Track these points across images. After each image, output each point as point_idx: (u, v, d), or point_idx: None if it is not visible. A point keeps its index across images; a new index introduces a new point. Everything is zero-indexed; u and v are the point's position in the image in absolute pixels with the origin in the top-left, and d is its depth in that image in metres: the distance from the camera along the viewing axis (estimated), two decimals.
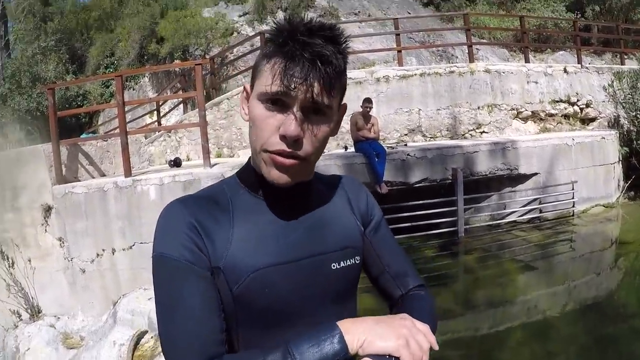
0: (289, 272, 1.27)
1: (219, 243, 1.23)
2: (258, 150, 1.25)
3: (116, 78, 9.16)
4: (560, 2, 22.20)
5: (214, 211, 1.28)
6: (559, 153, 10.97)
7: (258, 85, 1.23)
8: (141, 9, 22.55)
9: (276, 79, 1.17)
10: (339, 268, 1.34)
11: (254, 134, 1.26)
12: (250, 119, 1.27)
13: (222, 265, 1.22)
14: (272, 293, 1.24)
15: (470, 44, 14.35)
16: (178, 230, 1.23)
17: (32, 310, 8.55)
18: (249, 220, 1.29)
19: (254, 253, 1.24)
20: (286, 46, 1.18)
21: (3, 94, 22.42)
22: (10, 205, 8.71)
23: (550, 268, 9.14)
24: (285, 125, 1.18)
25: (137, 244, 8.08)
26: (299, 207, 1.35)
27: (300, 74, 1.16)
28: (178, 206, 1.28)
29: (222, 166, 8.81)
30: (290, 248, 1.28)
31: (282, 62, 1.17)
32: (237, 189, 1.35)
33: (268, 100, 1.20)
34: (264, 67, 1.22)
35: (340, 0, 20.91)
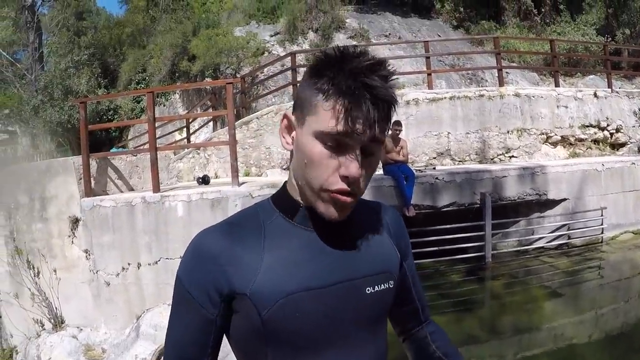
0: (321, 296, 1.27)
1: (247, 269, 1.26)
2: (316, 189, 1.24)
3: (147, 94, 9.24)
4: (590, 26, 22.12)
5: (246, 237, 1.30)
6: (588, 178, 10.84)
7: (314, 122, 1.21)
8: (174, 26, 22.83)
9: (341, 121, 1.16)
10: (373, 292, 1.34)
11: (309, 171, 1.24)
12: (303, 154, 1.24)
13: (249, 291, 1.24)
14: (303, 318, 1.25)
15: (500, 67, 14.29)
16: (197, 263, 1.30)
17: (55, 320, 8.61)
18: (281, 245, 1.29)
19: (284, 278, 1.25)
20: (349, 87, 1.16)
21: (35, 105, 22.69)
22: (39, 215, 8.81)
23: (577, 295, 9.01)
24: (348, 167, 1.20)
25: (162, 259, 8.11)
26: (335, 232, 1.34)
27: (366, 117, 1.17)
28: (205, 238, 1.32)
29: (250, 185, 8.83)
30: (324, 273, 1.29)
31: (346, 103, 1.16)
32: (270, 214, 1.36)
33: (329, 139, 1.19)
34: (321, 104, 1.20)
35: (371, 22, 21.01)
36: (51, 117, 22.30)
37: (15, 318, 8.98)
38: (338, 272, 1.30)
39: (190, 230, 8.03)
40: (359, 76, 1.17)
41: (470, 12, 22.61)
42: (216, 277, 1.26)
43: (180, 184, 11.30)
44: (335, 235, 1.34)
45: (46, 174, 8.87)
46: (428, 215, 9.67)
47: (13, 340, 9.08)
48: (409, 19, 22.21)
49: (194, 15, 22.92)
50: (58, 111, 22.45)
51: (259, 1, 21.94)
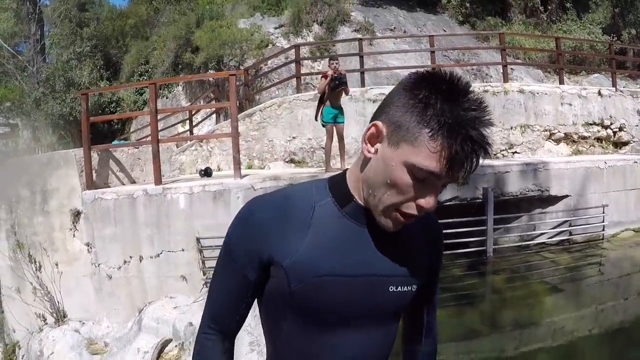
0: (347, 284, 1.38)
1: (289, 243, 1.37)
2: (387, 206, 1.31)
3: (150, 86, 9.23)
4: (596, 25, 22.07)
5: (294, 213, 1.41)
6: (591, 176, 10.84)
7: (410, 153, 1.24)
8: (177, 17, 22.76)
9: (444, 166, 1.21)
10: (395, 291, 1.44)
11: (388, 193, 1.30)
12: (389, 178, 1.28)
13: (286, 264, 1.36)
14: (326, 299, 1.38)
15: (505, 63, 14.30)
16: (246, 229, 1.42)
17: (57, 314, 8.61)
18: (325, 230, 1.39)
19: (319, 260, 1.36)
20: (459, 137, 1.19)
21: (37, 97, 22.68)
22: (40, 208, 8.80)
23: (578, 291, 9.04)
24: (428, 200, 1.29)
25: (164, 252, 8.11)
26: (378, 230, 1.40)
27: (464, 168, 1.23)
28: (257, 205, 1.44)
29: (252, 177, 8.83)
30: (355, 264, 1.39)
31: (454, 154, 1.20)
32: (323, 196, 1.44)
33: (421, 175, 1.24)
34: (426, 140, 1.22)
35: (377, 16, 20.93)
36: (53, 109, 22.30)
37: (18, 313, 8.99)
38: (369, 266, 1.40)
39: (192, 223, 8.04)
40: (471, 129, 1.20)
41: (477, 7, 22.52)
42: (260, 245, 1.39)
43: (183, 176, 11.29)
44: (378, 233, 1.41)
45: (47, 166, 8.87)
46: None
47: (15, 335, 9.09)
48: (414, 13, 22.12)
49: (198, 6, 22.80)
50: (60, 103, 22.45)
51: None
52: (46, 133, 23.02)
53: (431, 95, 1.23)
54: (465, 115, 1.20)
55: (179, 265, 8.08)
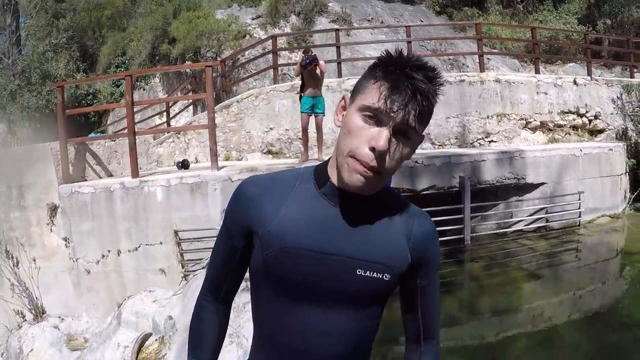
0: (315, 260, 1.47)
1: (267, 215, 1.51)
2: (345, 154, 1.41)
3: (126, 78, 9.18)
4: (572, 15, 22.18)
5: (278, 189, 1.56)
6: (567, 163, 10.96)
7: (360, 99, 1.42)
8: (154, 8, 22.55)
9: (381, 98, 1.36)
10: (362, 275, 1.48)
11: (345, 140, 1.42)
12: (345, 126, 1.45)
13: (262, 233, 1.51)
14: (294, 270, 1.47)
15: (481, 53, 14.37)
16: (236, 202, 1.61)
17: (36, 310, 8.53)
18: (301, 206, 1.52)
19: (290, 232, 1.48)
20: (395, 74, 1.37)
21: (13, 90, 22.39)
22: (17, 203, 8.71)
23: (555, 277, 9.13)
24: (376, 138, 1.35)
25: (142, 245, 8.09)
26: (353, 213, 1.51)
27: (401, 101, 1.35)
28: (247, 183, 1.62)
29: (230, 169, 8.82)
30: (326, 242, 1.47)
31: (389, 86, 1.36)
32: (307, 179, 1.58)
33: (368, 112, 1.38)
34: (370, 85, 1.41)
35: (354, 7, 20.89)
36: (29, 102, 22.03)
37: None
38: (336, 246, 1.47)
39: (170, 216, 8.03)
40: (405, 69, 1.37)
41: None
42: (246, 216, 1.56)
43: (160, 168, 11.25)
44: (351, 215, 1.51)
45: (24, 160, 8.79)
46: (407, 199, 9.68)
47: None
48: (391, 4, 22.09)
49: None
50: (36, 96, 22.19)
51: None
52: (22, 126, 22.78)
53: (382, 61, 1.44)
54: (404, 63, 1.39)
55: (158, 258, 8.07)
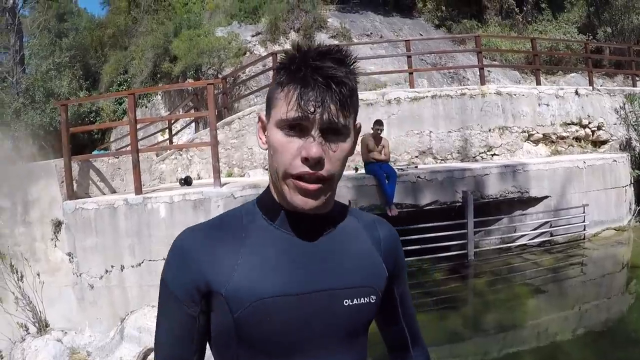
0: (297, 303, 1.26)
1: (224, 269, 1.26)
2: (280, 177, 1.26)
3: (129, 96, 9.22)
4: (572, 24, 22.19)
5: (225, 237, 1.31)
6: (570, 176, 10.93)
7: (275, 114, 1.25)
8: (155, 27, 22.77)
9: (293, 105, 1.19)
10: (352, 305, 1.32)
11: (275, 161, 1.27)
12: (270, 147, 1.28)
13: (224, 291, 1.25)
14: (275, 323, 1.25)
15: (481, 66, 14.36)
16: (179, 261, 1.32)
17: (39, 324, 8.56)
18: (261, 248, 1.29)
19: (259, 281, 1.25)
20: (299, 72, 1.21)
21: (17, 108, 22.55)
22: (22, 219, 8.77)
23: (560, 292, 9.06)
24: (306, 148, 1.20)
25: (146, 261, 8.10)
26: (316, 238, 1.33)
27: (316, 98, 1.19)
28: (187, 236, 1.35)
29: (232, 186, 8.82)
30: (302, 279, 1.28)
31: (297, 88, 1.20)
32: (253, 215, 1.36)
33: (287, 126, 1.22)
34: (278, 96, 1.25)
35: (353, 22, 21.03)
36: (33, 120, 22.20)
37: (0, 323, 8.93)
38: (317, 280, 1.29)
39: (173, 232, 8.01)
40: (309, 61, 1.21)
41: (452, 10, 22.67)
42: (195, 275, 1.27)
43: (163, 185, 11.26)
44: (317, 241, 1.33)
45: (28, 177, 8.84)
46: (410, 214, 9.69)
47: None
48: (390, 18, 22.24)
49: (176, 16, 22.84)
50: (40, 114, 22.35)
51: (240, 1, 21.86)
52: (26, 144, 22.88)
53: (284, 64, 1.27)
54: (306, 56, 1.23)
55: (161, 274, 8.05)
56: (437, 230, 9.69)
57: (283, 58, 1.29)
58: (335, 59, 1.23)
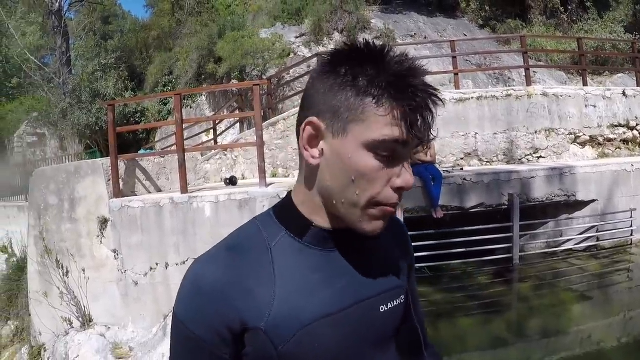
0: (338, 321, 1.18)
1: (260, 301, 1.14)
2: (363, 205, 1.13)
3: (175, 96, 9.30)
4: (618, 23, 21.84)
5: (252, 264, 1.17)
6: (618, 179, 10.71)
7: (364, 131, 1.09)
8: (199, 29, 23.00)
9: (402, 128, 1.08)
10: (387, 310, 1.27)
11: (360, 188, 1.12)
12: (352, 171, 1.11)
13: (264, 326, 1.12)
14: (322, 347, 1.16)
15: (527, 66, 14.19)
16: (201, 300, 1.15)
17: (83, 318, 8.73)
18: (293, 270, 1.18)
19: (301, 307, 1.15)
20: (403, 89, 1.07)
21: (64, 108, 23.02)
22: (68, 216, 8.94)
23: (606, 298, 8.90)
24: (403, 177, 1.13)
25: (190, 259, 8.15)
26: (348, 250, 1.25)
27: (426, 125, 1.11)
28: (206, 269, 1.18)
29: (278, 186, 8.85)
30: (339, 295, 1.20)
31: (407, 109, 1.07)
32: (275, 232, 1.23)
33: (384, 149, 1.10)
34: (372, 110, 1.08)
35: (396, 22, 20.97)
36: (79, 119, 22.64)
37: (44, 316, 9.11)
38: (353, 292, 1.22)
39: (218, 231, 8.08)
40: (408, 79, 1.08)
41: (496, 10, 22.50)
42: (226, 313, 1.12)
43: (208, 185, 11.35)
44: (349, 253, 1.25)
45: (75, 175, 8.99)
46: (456, 217, 9.62)
47: (41, 338, 9.22)
48: (434, 19, 22.15)
49: (219, 17, 23.06)
50: (86, 114, 22.78)
51: (284, 3, 21.99)
52: (73, 142, 23.32)
53: (354, 66, 1.10)
54: (399, 69, 1.08)
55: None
56: (483, 233, 9.58)
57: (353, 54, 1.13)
58: (424, 73, 1.11)
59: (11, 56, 28.87)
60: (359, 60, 1.11)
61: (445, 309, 7.96)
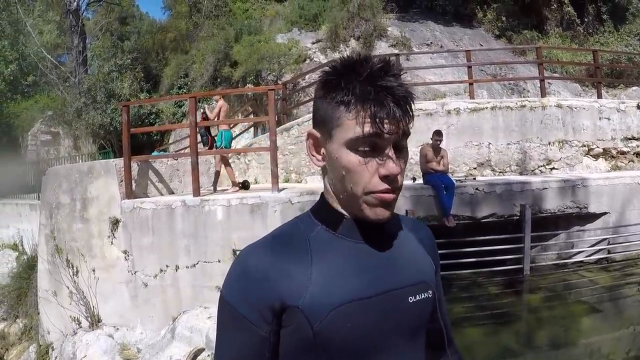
0: (369, 306, 1.29)
1: (298, 282, 1.26)
2: (360, 194, 1.28)
3: (190, 99, 9.35)
4: (634, 36, 21.82)
5: (292, 251, 1.31)
6: (631, 192, 10.66)
7: (342, 133, 1.27)
8: (216, 32, 23.03)
9: (369, 126, 1.23)
10: (415, 301, 1.37)
11: (351, 181, 1.28)
12: (339, 167, 1.29)
13: (301, 304, 1.24)
14: (353, 328, 1.26)
15: (542, 78, 14.17)
16: (246, 281, 1.28)
17: (92, 318, 8.76)
18: (328, 257, 1.31)
19: (334, 290, 1.27)
20: (369, 93, 1.23)
21: (79, 107, 23.05)
22: (80, 215, 8.98)
23: (616, 311, 8.88)
24: (386, 166, 1.26)
25: (200, 262, 8.19)
26: (377, 243, 1.37)
27: (393, 118, 1.23)
28: (252, 254, 1.32)
29: (290, 191, 8.85)
30: (369, 283, 1.31)
31: (371, 108, 1.23)
32: (312, 227, 1.37)
33: (360, 146, 1.25)
34: (344, 115, 1.26)
35: (413, 31, 20.96)
36: (94, 119, 22.69)
37: (53, 315, 9.16)
38: (382, 282, 1.33)
39: (229, 235, 8.11)
40: (375, 80, 1.24)
41: (513, 21, 22.43)
42: (268, 293, 1.25)
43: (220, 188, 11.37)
44: (378, 245, 1.37)
45: (88, 175, 9.04)
46: (467, 226, 9.60)
47: (50, 336, 9.28)
48: (450, 28, 22.11)
49: (236, 21, 23.07)
50: (100, 114, 22.82)
51: (301, 8, 22.03)
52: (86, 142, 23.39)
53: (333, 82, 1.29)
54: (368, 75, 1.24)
55: (215, 275, 8.13)
56: (494, 243, 9.56)
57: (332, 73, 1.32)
58: (394, 75, 1.26)
59: (28, 54, 28.90)
60: (336, 76, 1.30)
61: (455, 319, 7.93)
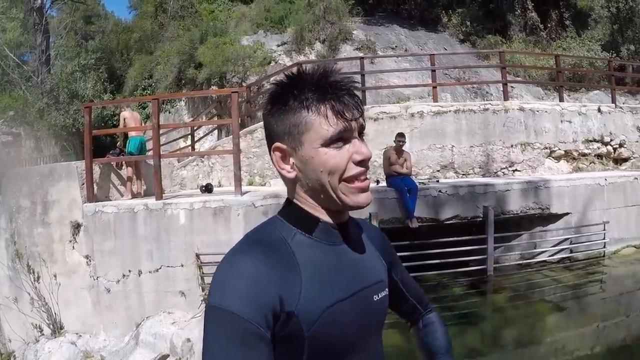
0: (348, 306, 1.34)
1: (292, 288, 1.25)
2: (336, 185, 1.34)
3: (153, 101, 9.29)
4: (595, 42, 22.12)
5: (280, 256, 1.29)
6: (591, 193, 10.85)
7: (313, 136, 1.32)
8: (181, 33, 22.91)
9: (337, 120, 1.31)
10: (379, 299, 1.45)
11: (331, 174, 1.33)
12: (320, 167, 1.33)
13: (296, 309, 1.23)
14: (337, 329, 1.31)
15: (505, 81, 14.31)
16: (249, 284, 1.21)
17: (54, 325, 8.62)
18: (310, 262, 1.32)
19: (323, 292, 1.30)
20: (326, 92, 1.32)
21: (41, 108, 22.72)
22: (40, 219, 8.84)
23: (579, 309, 9.00)
24: (359, 151, 1.34)
25: (164, 267, 8.12)
26: (347, 244, 1.43)
27: (351, 107, 1.32)
28: (248, 256, 1.26)
29: (253, 194, 8.83)
30: (347, 283, 1.36)
31: (331, 104, 1.31)
32: (289, 232, 1.37)
33: (335, 139, 1.31)
34: (310, 118, 1.32)
35: (378, 34, 21.02)
36: (56, 120, 22.37)
37: (14, 323, 8.98)
38: (355, 282, 1.39)
39: (192, 239, 8.05)
40: (324, 80, 1.34)
41: (477, 26, 22.62)
42: (271, 295, 1.21)
43: (184, 191, 11.32)
44: (348, 247, 1.43)
45: (49, 177, 8.90)
46: (431, 228, 9.65)
47: (11, 345, 9.09)
48: (415, 32, 22.23)
49: (202, 23, 22.94)
50: (63, 115, 22.52)
51: (267, 11, 21.98)
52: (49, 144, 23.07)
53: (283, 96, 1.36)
54: (318, 81, 1.33)
55: (178, 280, 8.08)
56: (457, 245, 9.63)
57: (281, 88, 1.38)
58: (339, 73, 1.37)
59: None
60: (285, 88, 1.37)
61: None
